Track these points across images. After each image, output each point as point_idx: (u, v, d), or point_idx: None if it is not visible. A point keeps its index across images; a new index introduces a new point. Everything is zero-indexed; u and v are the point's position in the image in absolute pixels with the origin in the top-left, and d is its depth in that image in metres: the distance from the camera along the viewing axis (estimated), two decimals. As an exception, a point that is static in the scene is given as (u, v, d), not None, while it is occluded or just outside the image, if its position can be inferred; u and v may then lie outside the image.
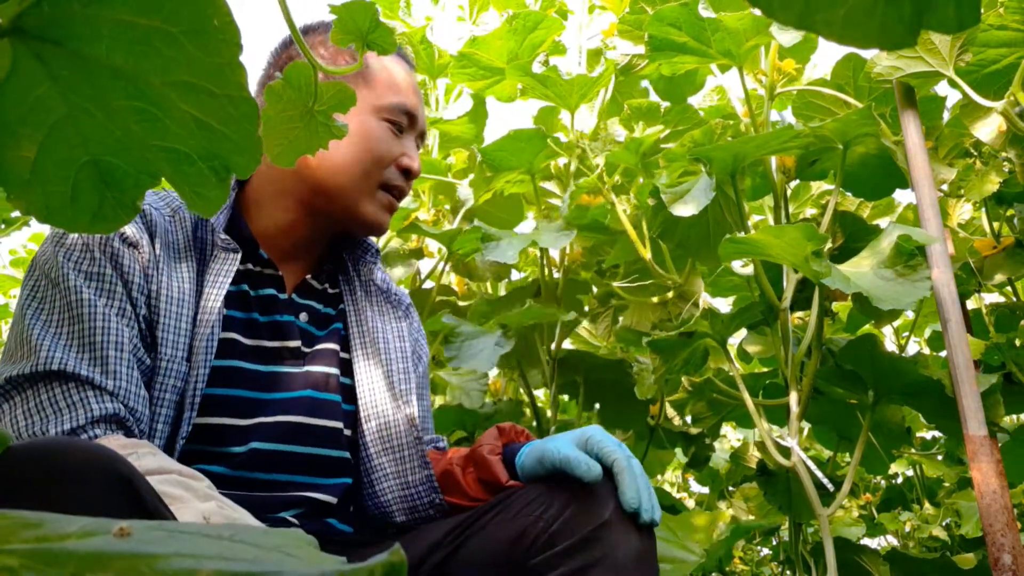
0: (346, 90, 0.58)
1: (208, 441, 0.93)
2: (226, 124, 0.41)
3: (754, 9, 0.39)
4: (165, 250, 0.96)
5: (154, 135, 0.41)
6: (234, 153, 0.42)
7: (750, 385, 1.99)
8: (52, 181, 0.41)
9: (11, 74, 0.38)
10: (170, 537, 0.23)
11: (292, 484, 0.98)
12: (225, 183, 0.43)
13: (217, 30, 0.38)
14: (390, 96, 1.06)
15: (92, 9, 0.37)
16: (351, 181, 1.03)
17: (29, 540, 0.23)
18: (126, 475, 0.61)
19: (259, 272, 1.05)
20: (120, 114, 0.40)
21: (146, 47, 0.38)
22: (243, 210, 1.07)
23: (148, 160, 0.42)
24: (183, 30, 0.38)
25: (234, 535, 0.24)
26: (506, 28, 1.89)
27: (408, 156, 1.07)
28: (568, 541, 0.85)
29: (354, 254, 1.14)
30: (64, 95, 0.39)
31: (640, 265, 1.86)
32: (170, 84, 0.39)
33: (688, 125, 1.93)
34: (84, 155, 0.41)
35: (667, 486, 3.83)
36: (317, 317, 1.08)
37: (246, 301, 1.02)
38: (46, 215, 0.42)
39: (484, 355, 1.73)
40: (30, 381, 0.81)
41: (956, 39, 1.44)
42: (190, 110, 0.40)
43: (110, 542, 0.22)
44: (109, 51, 0.38)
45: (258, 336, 1.01)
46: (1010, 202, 1.77)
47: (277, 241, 1.07)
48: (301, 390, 1.01)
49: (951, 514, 2.76)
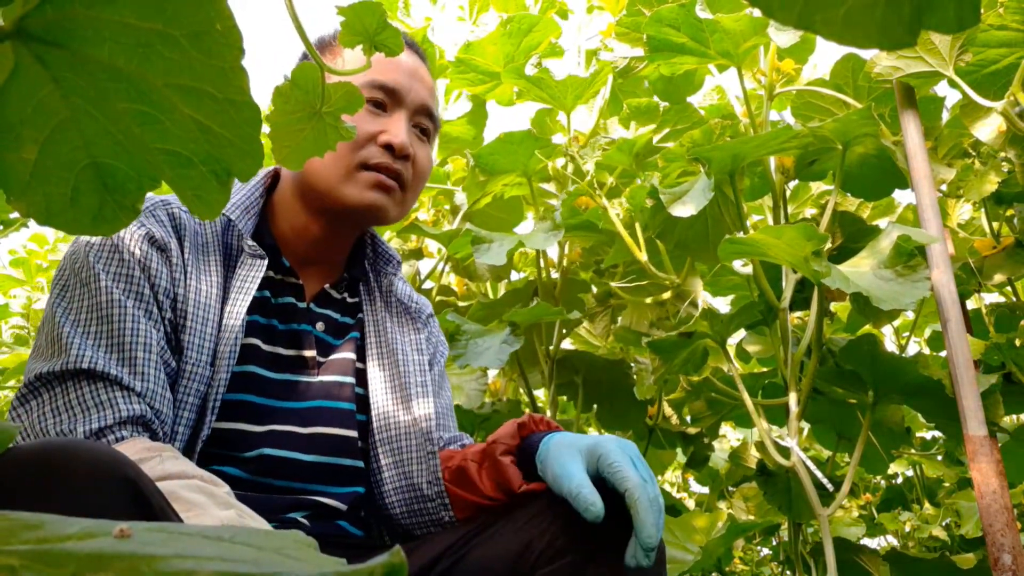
0: (354, 91, 0.57)
1: (221, 445, 0.93)
2: (228, 128, 0.41)
3: (753, 9, 0.39)
4: (194, 253, 0.96)
5: (155, 138, 0.41)
6: (236, 157, 0.42)
7: (749, 385, 1.99)
8: (53, 183, 0.41)
9: (13, 76, 0.38)
10: (170, 538, 0.23)
11: (303, 491, 0.98)
12: (226, 187, 0.43)
13: (220, 34, 0.38)
14: (362, 75, 1.02)
15: (95, 12, 0.37)
16: (325, 167, 1.02)
17: (29, 541, 0.23)
18: (131, 478, 0.61)
19: (280, 280, 1.05)
20: (122, 117, 0.40)
21: (148, 50, 0.38)
22: (269, 217, 1.08)
23: (149, 163, 0.42)
24: (185, 33, 0.38)
25: (234, 536, 0.24)
26: (501, 32, 1.89)
27: (387, 132, 1.02)
28: (573, 555, 0.84)
29: (376, 264, 1.14)
30: (66, 97, 0.39)
31: (638, 265, 1.86)
32: (172, 87, 0.39)
33: (687, 124, 1.94)
34: (85, 157, 0.41)
35: (667, 486, 3.83)
36: (334, 326, 1.08)
37: (267, 308, 1.02)
38: (46, 217, 0.42)
39: (491, 353, 1.72)
40: (59, 379, 0.82)
41: (956, 39, 1.44)
42: (192, 113, 0.40)
43: (110, 543, 0.22)
44: (111, 54, 0.38)
45: (275, 343, 1.01)
46: (1010, 202, 1.77)
47: (296, 247, 1.07)
48: (314, 400, 1.01)
49: (951, 514, 2.77)
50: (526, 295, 2.12)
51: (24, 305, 2.94)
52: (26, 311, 2.91)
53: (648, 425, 2.07)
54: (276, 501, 0.95)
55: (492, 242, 1.69)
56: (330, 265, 1.11)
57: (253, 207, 1.04)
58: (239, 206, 1.03)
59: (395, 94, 1.04)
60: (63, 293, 0.89)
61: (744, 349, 2.13)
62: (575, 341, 2.33)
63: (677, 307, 1.90)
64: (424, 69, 1.10)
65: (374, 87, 1.03)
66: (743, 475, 2.53)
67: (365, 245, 1.15)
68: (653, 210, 1.64)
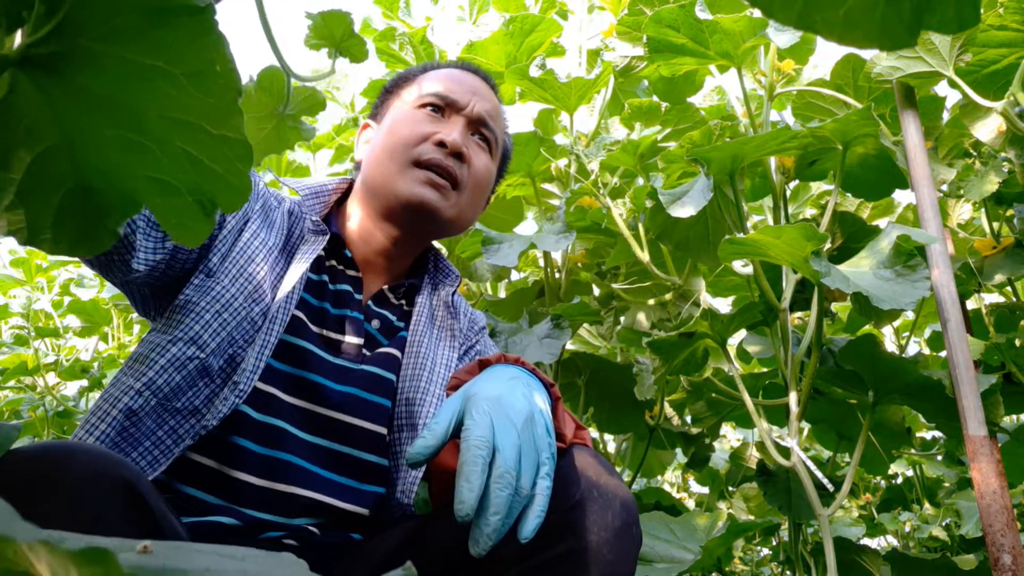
0: (315, 96, 0.58)
1: (256, 407, 0.94)
2: (218, 162, 0.41)
3: (753, 10, 0.39)
4: (262, 218, 1.02)
5: (145, 166, 0.42)
6: (223, 190, 0.43)
7: (750, 385, 1.99)
8: (37, 203, 0.42)
9: (7, 97, 0.38)
10: (192, 554, 0.24)
11: (327, 482, 0.97)
12: (211, 217, 0.43)
13: (219, 75, 0.39)
14: (425, 88, 1.12)
15: (100, 46, 0.37)
16: (382, 165, 1.08)
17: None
18: (130, 480, 0.61)
19: (342, 270, 1.09)
20: (112, 143, 0.41)
21: (147, 84, 0.39)
22: (337, 218, 1.14)
23: (136, 189, 0.42)
24: (185, 72, 0.38)
25: (246, 557, 0.25)
26: (503, 32, 1.89)
27: (442, 132, 1.08)
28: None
29: (435, 278, 1.18)
30: (59, 122, 0.40)
31: (640, 266, 1.86)
32: (167, 120, 0.40)
33: (688, 124, 1.94)
34: (72, 181, 0.41)
35: (667, 486, 3.83)
36: (388, 328, 1.10)
37: (322, 291, 1.06)
38: (28, 237, 0.42)
39: (533, 349, 1.67)
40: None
41: (956, 39, 1.44)
42: (184, 146, 0.41)
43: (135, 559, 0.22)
44: (110, 85, 0.39)
45: (324, 325, 1.04)
46: (1010, 202, 1.77)
47: (361, 250, 1.12)
48: (352, 386, 1.02)
49: (951, 514, 2.76)
50: (531, 295, 2.12)
51: (24, 305, 2.94)
52: (26, 311, 2.91)
53: (649, 426, 2.07)
54: (289, 499, 0.93)
55: (503, 243, 1.70)
56: (391, 273, 1.15)
57: (323, 195, 1.11)
58: (310, 189, 1.10)
59: (454, 104, 1.11)
60: None
61: (744, 349, 2.13)
62: (577, 342, 2.33)
63: (679, 308, 1.90)
64: (489, 91, 1.17)
65: (434, 96, 1.11)
66: (743, 475, 2.53)
67: (427, 260, 1.19)
68: (653, 211, 1.64)
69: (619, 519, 0.77)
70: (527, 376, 0.86)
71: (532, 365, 0.91)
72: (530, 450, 0.73)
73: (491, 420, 0.73)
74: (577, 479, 0.79)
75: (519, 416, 0.75)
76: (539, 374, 0.90)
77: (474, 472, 0.67)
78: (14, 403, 2.83)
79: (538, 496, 0.71)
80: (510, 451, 0.71)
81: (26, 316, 2.90)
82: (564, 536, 0.76)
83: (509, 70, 1.80)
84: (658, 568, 1.47)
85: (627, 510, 0.79)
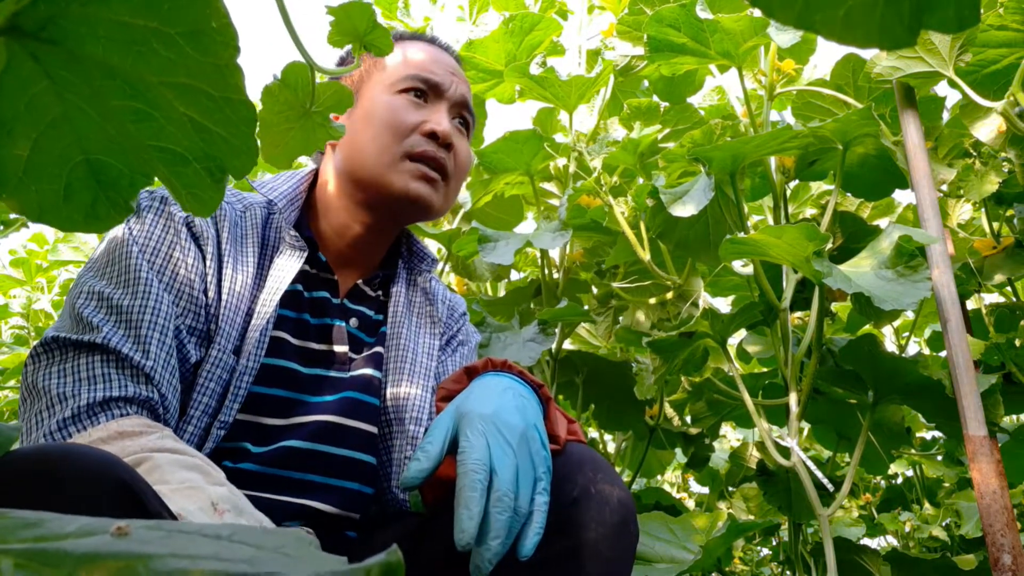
0: (343, 90, 0.57)
1: (241, 437, 0.93)
2: (223, 126, 0.40)
3: (753, 9, 0.39)
4: (232, 244, 0.97)
5: (150, 135, 0.41)
6: (230, 155, 0.42)
7: (750, 385, 2.00)
8: (45, 179, 0.41)
9: (6, 72, 0.38)
10: (167, 536, 0.23)
11: (321, 486, 0.96)
12: (220, 184, 0.43)
13: (215, 32, 0.37)
14: (402, 70, 1.06)
15: (89, 9, 0.36)
16: (370, 157, 1.02)
17: (27, 540, 0.22)
18: (127, 481, 0.61)
19: (315, 275, 1.05)
20: (116, 114, 0.40)
21: (144, 48, 0.38)
22: (307, 214, 1.08)
23: (143, 160, 0.42)
24: (181, 31, 0.37)
25: (233, 535, 0.24)
26: (503, 30, 1.89)
27: (431, 121, 1.04)
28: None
29: (410, 263, 1.15)
30: (60, 94, 0.39)
31: (640, 266, 1.86)
32: (167, 85, 0.39)
33: (688, 124, 1.93)
34: (78, 154, 0.41)
35: (667, 486, 3.83)
36: (367, 323, 1.08)
37: (299, 301, 1.02)
38: (39, 214, 0.42)
39: (515, 349, 1.69)
40: (75, 346, 0.82)
41: (956, 39, 1.44)
42: (187, 111, 0.40)
43: (107, 541, 0.22)
44: (106, 51, 0.38)
45: (306, 338, 1.01)
46: (1010, 202, 1.77)
47: (336, 244, 1.07)
48: (343, 391, 1.00)
49: (951, 514, 2.76)
50: (528, 294, 2.12)
51: (24, 305, 2.94)
52: (26, 311, 2.91)
53: (649, 425, 2.07)
54: (285, 505, 0.93)
55: (499, 241, 1.69)
56: (366, 264, 1.11)
57: (298, 200, 1.05)
58: (285, 196, 1.03)
59: (437, 87, 1.07)
60: (94, 266, 0.90)
61: (744, 349, 2.13)
62: (575, 341, 2.33)
63: (678, 307, 1.90)
64: (460, 69, 1.14)
65: (416, 79, 1.06)
66: (743, 475, 2.53)
67: (400, 244, 1.16)
68: (654, 210, 1.64)
69: (616, 516, 0.78)
70: (517, 384, 0.86)
71: (520, 368, 0.91)
72: (527, 468, 0.73)
73: (487, 441, 0.72)
74: (574, 477, 0.79)
75: (514, 434, 0.75)
76: (527, 377, 0.90)
77: (473, 499, 0.67)
78: (14, 403, 2.83)
79: (536, 512, 0.72)
80: (507, 472, 0.70)
81: (26, 316, 2.90)
82: (562, 533, 0.76)
83: (509, 68, 1.80)
84: (658, 568, 1.47)
85: (624, 507, 0.79)
